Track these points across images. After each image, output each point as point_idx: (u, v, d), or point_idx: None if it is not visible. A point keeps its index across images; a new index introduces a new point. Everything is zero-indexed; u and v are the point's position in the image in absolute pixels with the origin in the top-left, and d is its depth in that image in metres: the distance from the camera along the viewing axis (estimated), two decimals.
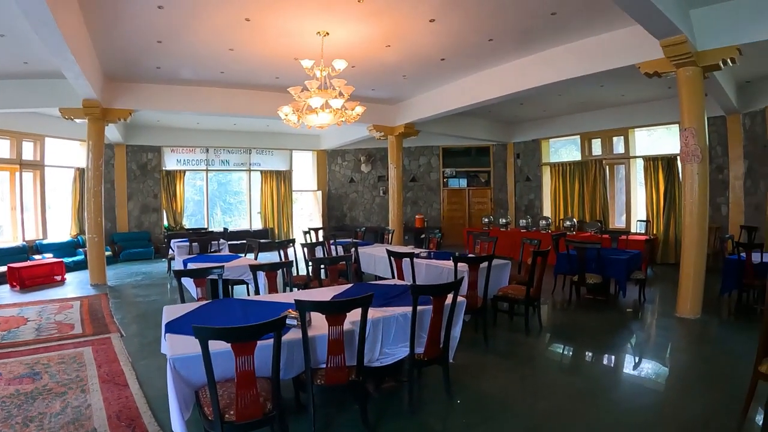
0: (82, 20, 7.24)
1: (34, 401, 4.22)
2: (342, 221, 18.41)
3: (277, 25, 7.56)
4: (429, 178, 17.74)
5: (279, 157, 18.11)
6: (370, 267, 8.03)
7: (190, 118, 14.42)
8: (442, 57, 9.24)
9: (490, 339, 5.62)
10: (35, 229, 13.24)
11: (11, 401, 4.24)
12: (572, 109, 13.89)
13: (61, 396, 4.31)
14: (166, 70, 10.03)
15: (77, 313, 7.69)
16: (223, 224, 18.26)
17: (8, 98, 10.04)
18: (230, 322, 3.46)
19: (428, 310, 3.54)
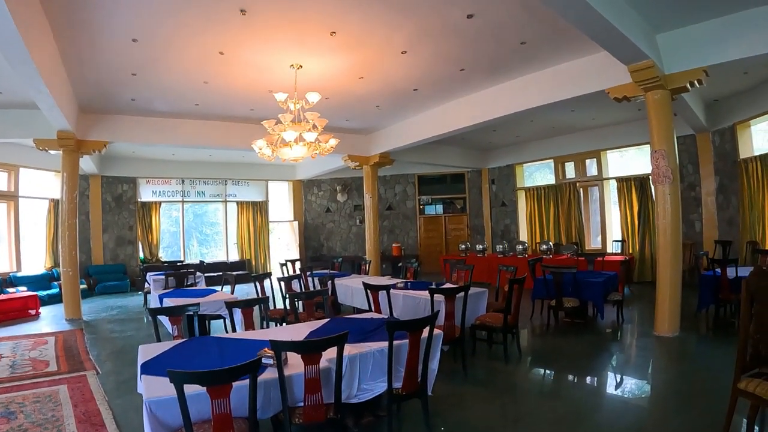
0: (57, 52, 7.26)
1: None
2: (319, 251, 18.43)
3: (250, 58, 7.66)
4: (405, 206, 17.90)
5: (255, 188, 18.18)
6: (348, 299, 7.99)
7: (166, 150, 14.39)
8: (415, 87, 9.43)
9: (470, 368, 5.61)
10: (9, 261, 13.05)
11: None
12: (545, 134, 14.17)
13: None
14: (141, 102, 10.04)
15: (52, 349, 7.56)
16: (200, 256, 18.21)
17: None
18: (206, 362, 3.43)
19: (405, 345, 3.56)
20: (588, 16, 5.14)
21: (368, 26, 6.67)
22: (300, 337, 4.03)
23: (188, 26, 6.57)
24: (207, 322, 6.78)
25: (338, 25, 6.59)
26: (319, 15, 6.30)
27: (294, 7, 6.07)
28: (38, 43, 6.03)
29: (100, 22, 6.43)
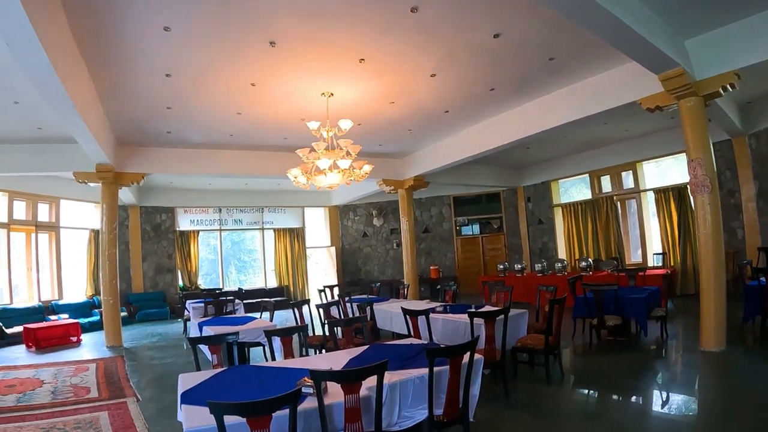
0: (93, 89, 7.52)
1: None
2: (357, 276, 18.41)
3: (281, 88, 7.82)
4: (441, 228, 17.81)
5: (291, 215, 18.36)
6: (387, 324, 7.91)
7: (202, 180, 14.70)
8: (446, 109, 9.46)
9: (511, 392, 5.46)
10: (51, 290, 13.42)
11: None
12: (579, 149, 13.99)
13: None
14: (177, 135, 10.31)
15: (93, 375, 7.67)
16: (238, 283, 18.47)
17: (24, 162, 10.38)
18: (245, 391, 3.42)
19: (445, 371, 3.49)
20: (614, 27, 5.09)
21: (396, 52, 6.74)
22: (340, 364, 3.98)
23: (219, 60, 6.76)
24: (247, 350, 6.80)
25: (366, 52, 6.67)
26: (347, 43, 6.40)
27: (322, 37, 6.19)
28: (74, 80, 6.26)
29: (133, 58, 6.65)
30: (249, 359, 6.72)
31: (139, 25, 5.82)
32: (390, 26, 6.03)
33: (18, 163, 10.41)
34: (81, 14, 5.55)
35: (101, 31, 5.95)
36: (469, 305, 7.00)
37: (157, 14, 5.58)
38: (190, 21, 5.75)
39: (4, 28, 4.55)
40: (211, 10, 5.52)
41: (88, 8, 5.44)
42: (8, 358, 9.34)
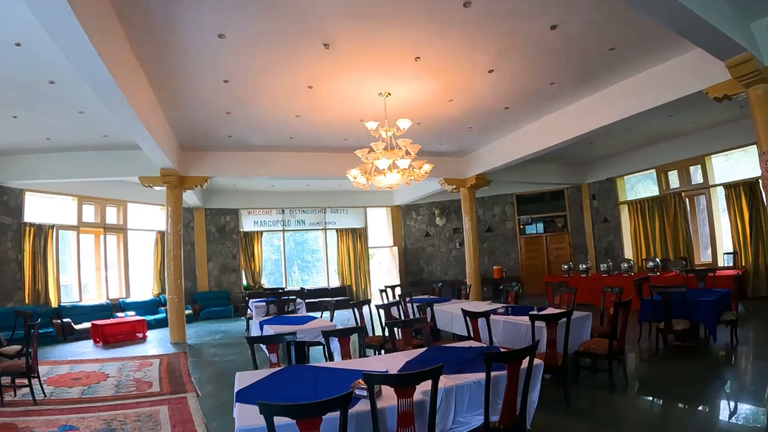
0: (154, 98, 7.82)
1: None
2: (419, 275, 18.32)
3: (339, 89, 7.85)
4: (504, 227, 17.47)
5: (353, 215, 18.48)
6: (447, 325, 7.77)
7: (265, 182, 14.97)
8: (506, 106, 9.25)
9: (572, 398, 5.25)
10: (119, 288, 14.06)
11: None
12: (644, 143, 13.41)
13: None
14: (238, 138, 10.56)
15: (156, 371, 7.92)
16: (301, 282, 18.69)
17: (91, 168, 10.97)
18: (299, 391, 3.41)
19: (503, 376, 3.37)
20: (675, 12, 4.78)
21: (451, 48, 6.63)
22: (396, 366, 3.93)
23: (275, 64, 6.85)
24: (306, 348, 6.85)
25: (422, 50, 6.59)
26: (402, 42, 6.35)
27: (375, 37, 6.16)
28: (134, 90, 6.55)
29: (190, 67, 6.87)
30: (309, 358, 6.75)
31: (194, 35, 5.98)
32: (443, 23, 5.93)
33: (86, 169, 11.03)
34: (138, 29, 5.78)
35: (158, 44, 6.16)
36: (531, 307, 6.80)
37: (210, 23, 5.70)
38: (243, 27, 5.84)
39: (65, 46, 4.82)
40: (262, 16, 5.59)
41: (144, 22, 5.65)
42: (76, 353, 9.80)
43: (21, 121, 8.67)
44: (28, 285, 11.55)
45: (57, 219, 12.54)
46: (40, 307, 11.39)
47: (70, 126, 9.08)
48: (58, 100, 7.74)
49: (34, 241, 11.69)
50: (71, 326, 11.39)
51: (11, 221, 11.45)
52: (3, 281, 11.18)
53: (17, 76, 6.80)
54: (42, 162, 10.86)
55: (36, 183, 11.63)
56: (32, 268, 11.64)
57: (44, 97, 7.62)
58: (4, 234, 11.28)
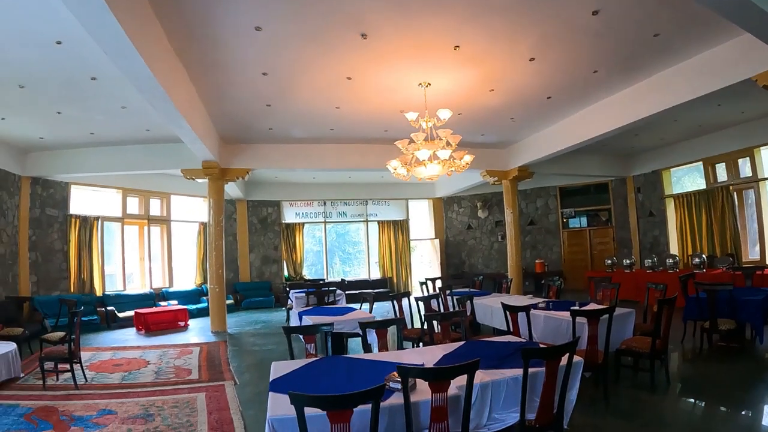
0: (194, 91, 7.94)
1: None
2: (461, 268, 18.16)
3: (378, 80, 7.80)
4: (547, 220, 17.13)
5: (395, 207, 18.42)
6: (487, 319, 7.67)
7: (306, 174, 15.03)
8: (548, 95, 9.03)
9: (611, 397, 5.11)
10: (162, 278, 14.41)
11: None
12: (691, 134, 12.88)
13: None
14: (278, 131, 10.64)
15: (196, 358, 8.07)
16: (343, 274, 18.74)
17: (135, 161, 11.27)
18: (333, 383, 3.41)
19: (542, 373, 3.28)
20: None
21: (491, 36, 6.48)
22: (433, 360, 3.89)
23: (312, 55, 6.85)
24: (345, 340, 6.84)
25: (461, 38, 6.47)
26: (440, 30, 6.24)
27: (413, 25, 6.08)
28: (174, 83, 6.66)
29: (229, 60, 6.94)
30: (347, 349, 6.74)
31: (231, 28, 6.02)
32: (482, 9, 5.80)
33: (129, 162, 11.34)
34: (175, 23, 5.86)
35: (196, 38, 6.24)
36: (572, 302, 6.67)
37: (246, 15, 5.72)
38: (280, 19, 5.84)
39: (104, 43, 4.92)
40: (298, 7, 5.58)
41: (181, 16, 5.71)
42: (119, 340, 10.10)
43: (65, 117, 8.94)
44: (74, 274, 11.99)
45: (102, 211, 12.94)
46: (85, 295, 11.81)
47: (113, 121, 9.32)
48: (100, 95, 7.94)
49: (79, 233, 12.13)
50: (115, 314, 11.76)
51: (57, 213, 11.91)
52: (49, 271, 11.65)
53: (59, 73, 6.98)
54: (87, 156, 11.23)
55: (81, 176, 12.06)
56: (78, 258, 12.07)
57: (87, 93, 7.82)
58: (51, 226, 11.74)
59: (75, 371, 6.46)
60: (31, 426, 4.97)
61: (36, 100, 8.02)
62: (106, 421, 5.05)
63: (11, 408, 5.54)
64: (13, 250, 10.82)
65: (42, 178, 11.57)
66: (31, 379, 6.77)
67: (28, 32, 5.69)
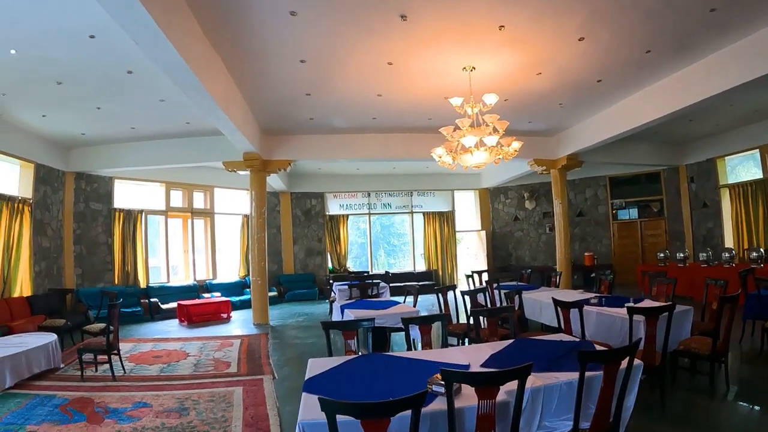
0: (232, 81, 7.86)
1: None
2: (507, 261, 17.72)
3: (420, 65, 7.51)
4: (597, 211, 16.43)
5: (440, 198, 18.07)
6: (536, 314, 7.39)
7: (350, 165, 14.91)
8: (599, 78, 8.55)
9: (668, 401, 4.78)
10: (206, 270, 14.57)
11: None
12: (747, 120, 12.03)
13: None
14: (320, 121, 10.50)
15: (236, 351, 8.04)
16: (387, 266, 18.66)
17: (176, 155, 11.43)
18: (372, 384, 3.22)
19: (598, 378, 2.98)
20: None
21: (537, 15, 6.12)
22: (480, 359, 3.63)
23: (351, 41, 6.63)
24: (388, 335, 6.68)
25: (505, 17, 6.13)
26: (483, 10, 5.92)
27: (455, 5, 5.78)
28: (210, 73, 6.61)
29: (265, 48, 6.79)
30: (390, 345, 6.56)
31: (265, 14, 5.86)
32: None
33: (171, 156, 11.50)
34: (207, 11, 5.76)
35: (229, 25, 6.12)
36: (626, 298, 6.30)
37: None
38: (314, 1, 5.63)
39: (134, 34, 4.89)
40: None
41: (213, 4, 5.61)
42: (161, 331, 10.22)
43: (105, 112, 9.07)
44: (118, 267, 12.30)
45: (146, 204, 13.22)
46: (129, 287, 12.13)
47: (153, 114, 9.40)
48: (137, 89, 7.98)
49: (123, 226, 12.43)
50: (158, 306, 11.95)
51: (102, 207, 12.27)
52: (94, 263, 12.01)
53: (95, 68, 7.02)
54: (128, 150, 11.47)
55: (124, 171, 12.29)
56: (122, 250, 12.38)
57: (124, 87, 7.87)
58: (95, 219, 12.10)
59: (113, 363, 6.52)
60: (66, 417, 5.00)
61: (74, 95, 8.13)
62: (140, 414, 5.04)
63: (48, 398, 5.61)
64: (57, 243, 11.17)
65: (86, 173, 11.90)
66: (70, 370, 6.86)
67: (60, 28, 5.72)
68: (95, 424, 4.76)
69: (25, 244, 9.96)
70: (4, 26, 5.64)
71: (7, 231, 9.39)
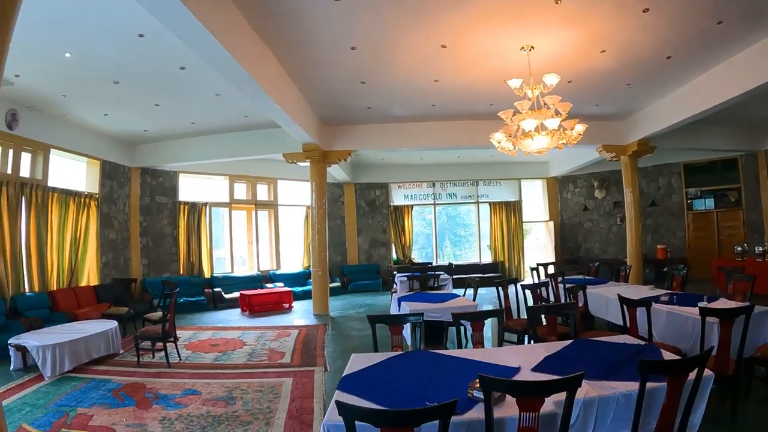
0: (283, 72, 7.82)
1: (218, 426, 4.42)
2: (576, 253, 16.92)
3: (475, 47, 7.13)
4: (670, 200, 15.27)
5: (507, 188, 17.51)
6: (601, 311, 6.90)
7: (413, 154, 14.64)
8: (667, 54, 7.81)
9: (740, 416, 4.17)
10: (270, 261, 14.82)
11: (198, 422, 4.51)
12: None
13: (244, 425, 4.42)
14: (378, 110, 10.33)
15: (292, 342, 8.04)
16: (453, 257, 18.31)
17: (236, 148, 11.69)
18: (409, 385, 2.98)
19: (662, 390, 2.60)
20: None
21: None
22: (532, 361, 3.32)
23: (400, 22, 6.35)
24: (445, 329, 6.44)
25: None
26: None
27: None
28: (258, 65, 6.61)
29: (312, 36, 6.64)
30: (446, 340, 6.34)
31: (307, 1, 5.72)
32: None
33: (231, 149, 11.77)
34: (249, 1, 5.67)
35: (273, 14, 6.02)
36: (699, 296, 5.70)
37: None
38: None
39: (176, 28, 4.95)
40: None
41: None
42: (222, 320, 10.40)
43: (163, 109, 9.35)
44: (183, 257, 12.81)
45: (210, 197, 13.65)
46: (194, 277, 12.57)
47: (210, 109, 9.59)
48: (192, 84, 8.11)
49: (188, 218, 12.91)
50: (221, 295, 12.24)
51: (167, 200, 12.81)
52: (160, 254, 12.56)
53: (148, 66, 7.16)
54: (190, 145, 11.88)
55: (188, 165, 12.70)
56: (186, 242, 12.87)
57: (179, 83, 8.02)
58: (161, 212, 12.64)
59: (168, 350, 6.67)
60: (116, 401, 5.14)
61: (132, 94, 8.41)
62: (188, 401, 5.10)
63: (103, 383, 5.81)
64: (124, 235, 11.75)
65: (151, 168, 12.43)
66: (128, 356, 7.03)
67: (110, 28, 5.85)
68: (143, 409, 4.86)
69: (92, 237, 10.51)
70: (56, 29, 5.84)
71: (74, 224, 9.94)
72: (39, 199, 8.96)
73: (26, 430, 4.43)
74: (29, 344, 6.18)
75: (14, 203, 8.41)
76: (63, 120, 9.57)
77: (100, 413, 4.77)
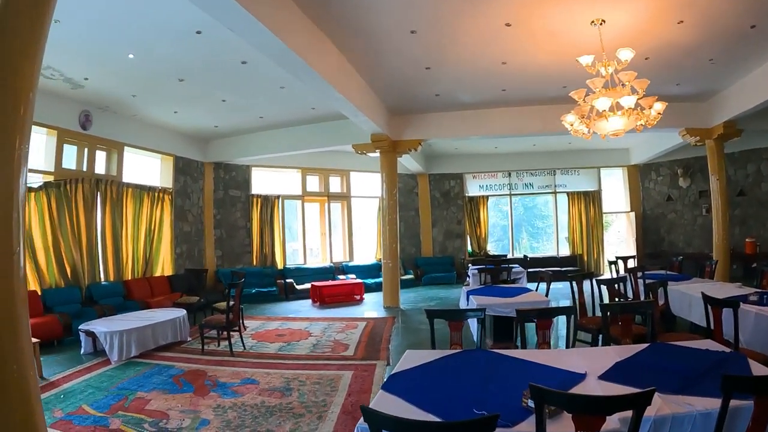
0: (345, 61, 7.71)
1: (270, 416, 4.41)
2: (659, 246, 15.73)
3: (541, 23, 6.63)
4: (760, 189, 13.69)
5: (585, 177, 16.52)
6: (684, 310, 6.27)
7: (488, 143, 14.22)
8: (752, 23, 6.83)
9: None
10: (343, 253, 14.90)
11: (251, 411, 4.52)
12: None
13: (296, 418, 4.38)
14: (446, 97, 10.03)
15: (358, 334, 7.97)
16: (530, 250, 17.84)
17: (306, 140, 11.84)
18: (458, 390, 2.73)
19: (747, 408, 2.19)
20: None
21: None
22: (601, 367, 2.94)
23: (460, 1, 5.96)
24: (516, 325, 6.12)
25: None
26: None
27: None
28: (317, 54, 6.54)
29: (370, 21, 6.46)
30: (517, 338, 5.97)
31: None
32: None
33: (301, 141, 11.91)
34: None
35: (327, 1, 5.87)
36: None
37: None
38: None
39: (228, 21, 5.00)
40: None
41: None
42: (291, 310, 10.53)
43: (230, 104, 9.52)
44: (256, 249, 13.16)
45: (283, 190, 13.92)
46: (266, 268, 12.88)
47: (277, 102, 9.66)
48: (255, 78, 8.16)
49: (261, 211, 13.25)
50: (293, 286, 12.44)
51: (240, 194, 13.22)
52: (233, 246, 12.99)
53: (210, 62, 7.25)
54: (261, 139, 12.12)
55: (259, 159, 12.99)
56: (260, 234, 13.21)
57: (242, 78, 8.09)
58: (234, 205, 13.06)
59: (232, 339, 6.79)
60: (176, 387, 5.27)
61: (198, 90, 8.61)
62: (245, 390, 5.14)
63: (166, 368, 6.00)
64: (198, 228, 12.23)
65: (224, 162, 12.84)
66: (195, 344, 7.21)
67: (167, 27, 5.96)
68: (199, 396, 4.95)
69: (166, 229, 11.03)
70: (116, 31, 6.00)
71: (149, 217, 10.44)
72: (114, 194, 9.47)
73: (85, 410, 4.61)
74: (97, 330, 6.51)
75: (90, 198, 8.93)
76: (135, 119, 10.02)
77: (158, 398, 4.91)
